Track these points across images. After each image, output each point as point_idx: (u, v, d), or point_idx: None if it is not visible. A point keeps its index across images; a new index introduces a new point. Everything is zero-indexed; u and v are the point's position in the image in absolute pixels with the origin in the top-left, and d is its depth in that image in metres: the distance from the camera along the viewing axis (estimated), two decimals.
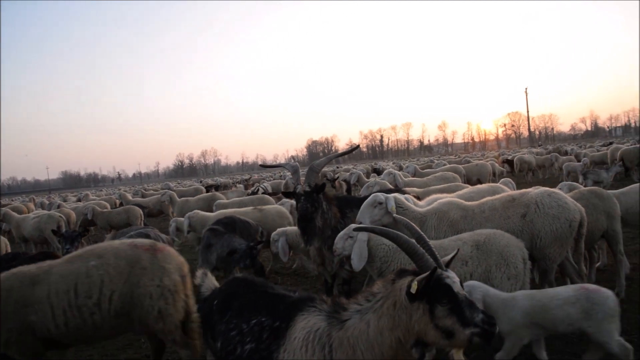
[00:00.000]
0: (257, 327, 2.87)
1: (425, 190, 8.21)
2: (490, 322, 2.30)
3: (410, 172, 13.90)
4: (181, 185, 43.10)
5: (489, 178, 16.30)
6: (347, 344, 2.45)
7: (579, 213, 4.95)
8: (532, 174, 23.86)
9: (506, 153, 38.60)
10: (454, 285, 2.33)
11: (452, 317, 2.31)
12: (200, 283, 3.76)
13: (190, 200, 15.32)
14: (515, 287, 4.35)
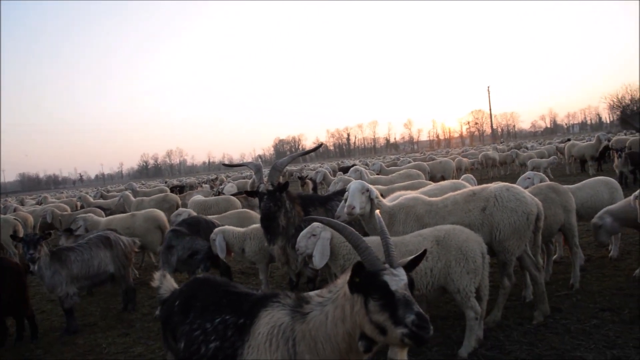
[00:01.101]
0: (221, 326, 2.86)
1: (389, 188, 8.27)
2: (420, 324, 2.18)
3: (375, 169, 14.01)
4: (145, 186, 42.19)
5: (453, 175, 16.62)
6: (308, 336, 2.45)
7: (536, 206, 5.08)
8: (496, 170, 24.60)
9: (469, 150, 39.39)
10: (391, 282, 2.27)
11: (384, 313, 2.25)
12: (159, 285, 3.69)
13: (145, 200, 15.04)
14: (475, 281, 4.43)
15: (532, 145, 28.64)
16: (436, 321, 5.57)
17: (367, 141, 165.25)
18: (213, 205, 12.01)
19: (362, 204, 5.12)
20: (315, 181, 14.16)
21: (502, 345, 4.78)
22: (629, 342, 4.54)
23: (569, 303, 5.69)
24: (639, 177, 14.68)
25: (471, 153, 32.45)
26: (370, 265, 2.41)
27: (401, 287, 2.26)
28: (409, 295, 2.26)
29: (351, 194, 5.18)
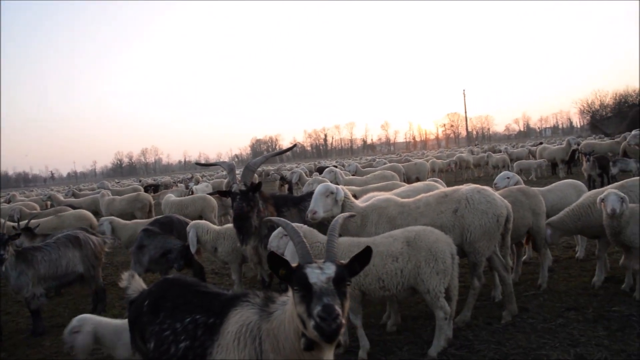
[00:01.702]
0: (192, 325, 2.86)
1: (364, 189, 8.33)
2: (323, 316, 2.11)
3: (351, 170, 14.08)
4: (119, 184, 41.44)
5: (428, 176, 16.81)
6: (272, 335, 2.47)
7: (505, 209, 5.18)
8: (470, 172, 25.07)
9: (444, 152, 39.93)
10: (311, 274, 2.25)
11: (302, 305, 2.22)
12: (127, 285, 3.65)
13: (117, 200, 14.83)
14: (444, 282, 4.50)
15: (505, 148, 29.16)
16: (407, 321, 5.64)
17: (344, 142, 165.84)
18: (190, 205, 11.89)
19: (327, 207, 5.11)
20: (290, 181, 14.15)
21: (471, 344, 4.86)
22: (592, 340, 4.68)
23: (536, 303, 5.83)
24: (606, 181, 15.08)
25: (446, 155, 32.96)
26: (301, 259, 2.45)
27: (322, 280, 2.23)
28: (329, 289, 2.21)
29: (314, 198, 5.19)
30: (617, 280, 6.22)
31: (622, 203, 5.45)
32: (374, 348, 4.93)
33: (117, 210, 14.53)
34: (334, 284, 2.25)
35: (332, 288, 2.23)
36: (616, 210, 5.42)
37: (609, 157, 16.67)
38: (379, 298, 4.73)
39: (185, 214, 10.49)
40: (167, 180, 44.30)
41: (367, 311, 5.99)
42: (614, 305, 5.48)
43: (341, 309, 2.18)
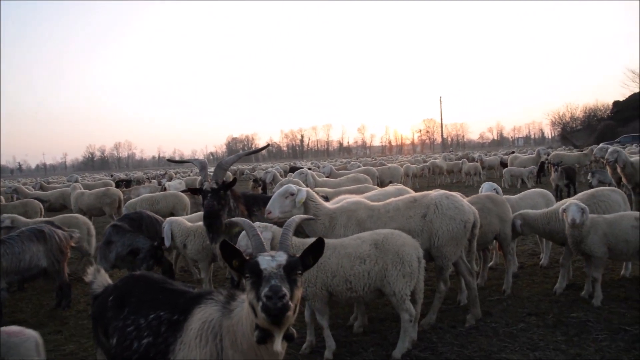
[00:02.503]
0: (155, 322, 2.86)
1: (337, 191, 8.39)
2: (269, 295, 2.15)
3: (326, 172, 14.12)
4: (89, 178, 40.60)
5: (401, 180, 17.00)
6: (232, 331, 2.49)
7: (472, 215, 5.30)
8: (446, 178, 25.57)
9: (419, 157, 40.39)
10: (262, 261, 2.32)
11: (252, 291, 2.28)
12: (92, 280, 3.61)
13: (85, 194, 14.54)
14: (410, 285, 4.58)
15: (478, 156, 29.71)
16: (374, 323, 5.71)
17: (320, 143, 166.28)
18: (161, 201, 11.74)
19: (285, 208, 5.14)
20: (264, 181, 14.12)
21: (434, 346, 4.95)
22: (550, 344, 4.82)
23: (499, 307, 5.97)
24: (572, 191, 15.50)
25: (421, 160, 33.40)
26: (255, 250, 2.55)
27: (272, 267, 2.29)
28: (278, 274, 2.27)
29: (272, 198, 5.23)
30: (578, 287, 6.42)
31: (583, 214, 5.65)
32: (340, 349, 4.99)
33: (86, 205, 14.26)
34: (284, 271, 2.31)
35: (282, 274, 2.29)
36: (576, 220, 5.63)
37: (575, 168, 17.15)
38: (346, 299, 4.77)
39: (156, 210, 10.35)
40: (139, 175, 43.63)
41: (334, 312, 6.04)
42: (573, 311, 5.65)
43: (290, 294, 2.24)
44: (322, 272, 4.61)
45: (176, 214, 11.74)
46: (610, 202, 6.77)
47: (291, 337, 2.38)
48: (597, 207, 6.66)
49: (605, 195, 6.88)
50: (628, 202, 7.13)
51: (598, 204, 6.71)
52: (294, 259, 2.41)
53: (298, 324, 5.75)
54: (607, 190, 7.05)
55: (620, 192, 7.10)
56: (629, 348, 4.63)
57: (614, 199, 6.84)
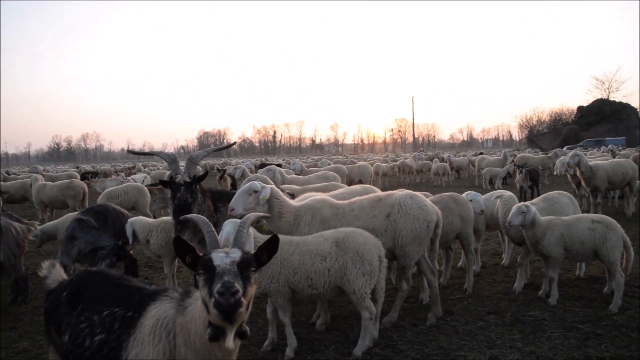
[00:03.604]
0: (109, 318, 2.81)
1: (304, 188, 8.37)
2: (222, 291, 2.15)
3: (296, 169, 14.07)
4: (53, 170, 39.44)
5: (370, 179, 17.11)
6: (185, 328, 2.47)
7: (435, 215, 5.37)
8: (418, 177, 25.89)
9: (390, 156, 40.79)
10: (216, 258, 2.32)
11: (205, 287, 2.27)
12: (47, 275, 3.50)
13: (48, 186, 14.11)
14: (370, 283, 4.62)
15: (448, 156, 30.23)
16: (337, 320, 5.74)
17: (293, 140, 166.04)
18: (122, 194, 11.46)
19: (248, 205, 5.12)
20: (234, 177, 13.99)
21: (395, 344, 5.01)
22: (507, 342, 4.95)
23: (460, 306, 6.09)
24: (536, 193, 15.92)
25: (391, 159, 33.74)
26: (209, 246, 2.55)
27: (226, 263, 2.29)
28: (231, 270, 2.27)
29: (235, 195, 5.21)
30: (536, 287, 6.61)
31: (521, 215, 5.96)
32: (301, 346, 4.99)
33: (48, 197, 13.84)
34: (238, 267, 2.31)
35: (235, 270, 2.29)
36: (512, 222, 6.00)
37: (539, 170, 17.60)
38: (308, 296, 4.78)
39: (117, 203, 10.10)
40: (107, 168, 42.72)
41: (297, 310, 6.05)
42: (530, 309, 5.81)
43: (243, 291, 2.23)
44: (284, 269, 4.61)
45: (137, 208, 11.53)
46: (560, 205, 7.04)
47: (244, 334, 2.37)
48: (549, 210, 6.89)
49: (555, 198, 7.19)
50: (577, 204, 7.40)
51: (550, 207, 6.95)
52: (247, 256, 2.41)
53: (260, 321, 5.75)
54: (556, 194, 7.36)
55: (568, 195, 7.40)
56: (580, 345, 4.79)
57: (563, 201, 7.15)
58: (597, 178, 11.72)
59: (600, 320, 5.39)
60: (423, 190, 14.22)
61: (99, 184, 18.44)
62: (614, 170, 11.98)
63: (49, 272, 3.56)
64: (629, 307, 5.70)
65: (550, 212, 6.74)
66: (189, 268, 2.43)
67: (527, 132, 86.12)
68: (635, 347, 4.71)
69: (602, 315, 5.51)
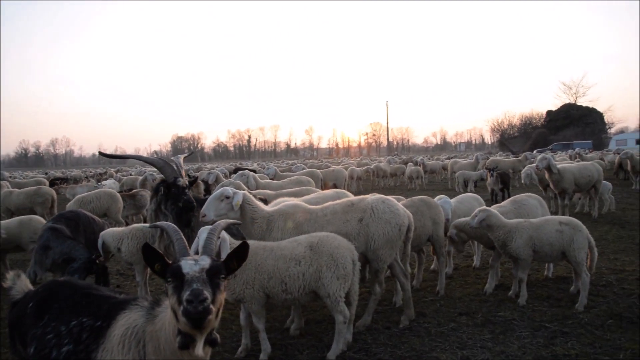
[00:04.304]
0: (77, 329, 2.76)
1: (278, 193, 8.38)
2: (190, 299, 2.15)
3: (270, 174, 14.04)
4: (20, 176, 38.36)
5: (345, 183, 17.20)
6: (155, 337, 2.46)
7: (407, 218, 5.44)
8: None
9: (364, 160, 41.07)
10: (185, 265, 2.32)
11: (174, 295, 2.27)
12: (11, 285, 3.41)
13: (14, 193, 13.74)
14: (344, 287, 4.65)
15: (421, 159, 30.63)
16: (311, 325, 5.75)
17: (267, 144, 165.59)
18: (94, 200, 11.24)
19: (220, 211, 5.12)
20: (207, 182, 13.88)
21: (368, 347, 5.05)
22: (478, 342, 5.04)
23: (433, 308, 6.17)
24: (506, 195, 16.24)
25: (365, 163, 33.99)
26: (178, 253, 2.54)
27: (195, 271, 2.30)
28: (200, 277, 2.27)
29: (207, 201, 5.21)
30: (506, 288, 6.75)
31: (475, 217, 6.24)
32: (275, 352, 4.99)
33: (15, 205, 13.44)
34: (207, 275, 2.32)
35: (204, 277, 2.30)
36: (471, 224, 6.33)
37: (510, 173, 17.97)
38: (282, 301, 4.78)
39: (89, 209, 9.90)
40: (77, 174, 41.83)
41: (271, 315, 6.05)
42: (501, 310, 5.94)
43: (212, 298, 2.24)
44: (259, 274, 4.61)
45: (109, 214, 11.32)
46: (528, 207, 7.22)
47: (214, 342, 2.36)
48: (517, 212, 7.06)
49: (523, 200, 7.37)
50: (546, 206, 7.58)
51: (518, 209, 7.12)
52: (217, 263, 2.41)
53: (234, 328, 5.72)
54: (525, 196, 7.54)
55: (537, 198, 7.58)
56: (548, 344, 4.92)
57: (531, 203, 7.33)
58: (565, 181, 12.04)
59: (567, 318, 5.54)
60: (397, 193, 14.41)
61: (69, 190, 18.03)
62: (581, 173, 12.33)
63: (14, 282, 3.47)
64: (594, 306, 5.88)
65: (518, 214, 6.91)
66: (158, 276, 2.42)
67: (498, 135, 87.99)
68: (599, 344, 4.86)
69: (569, 314, 5.66)
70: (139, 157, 6.38)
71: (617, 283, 6.75)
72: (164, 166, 5.89)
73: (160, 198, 6.01)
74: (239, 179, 9.97)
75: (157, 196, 6.04)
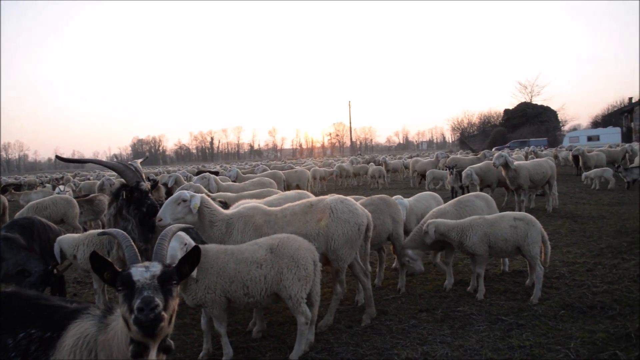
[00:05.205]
0: (25, 340, 2.65)
1: (239, 195, 8.32)
2: (141, 307, 2.13)
3: (232, 176, 13.91)
4: None
5: (308, 184, 17.24)
6: (107, 346, 2.41)
7: (366, 218, 5.50)
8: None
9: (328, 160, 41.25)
10: (135, 273, 2.30)
11: (125, 304, 2.23)
12: None
13: None
14: (306, 288, 4.66)
15: (383, 158, 31.04)
16: (274, 327, 5.74)
17: (231, 146, 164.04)
18: (50, 206, 10.86)
19: (177, 215, 5.07)
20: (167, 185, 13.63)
21: (331, 347, 5.08)
22: (437, 338, 5.15)
23: (394, 305, 6.26)
24: (466, 192, 16.64)
25: (329, 163, 34.16)
26: (128, 260, 2.51)
27: (146, 278, 2.27)
28: (152, 284, 2.25)
29: (164, 205, 5.15)
30: (465, 283, 6.92)
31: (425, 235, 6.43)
32: (237, 355, 4.96)
33: None
34: (158, 282, 2.29)
35: (155, 284, 2.27)
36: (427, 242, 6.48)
37: None
38: (245, 304, 4.76)
39: (45, 216, 9.57)
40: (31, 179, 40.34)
41: (234, 318, 6.00)
42: (460, 305, 6.08)
43: (164, 305, 2.21)
44: (220, 278, 4.57)
45: (66, 220, 10.97)
46: (470, 208, 7.24)
47: (168, 349, 2.33)
48: (459, 214, 7.07)
49: (470, 200, 7.45)
50: (494, 205, 7.64)
51: (464, 209, 7.20)
52: (168, 269, 2.38)
53: (196, 332, 5.64)
54: (472, 196, 7.63)
55: (484, 197, 7.65)
56: (504, 336, 5.07)
57: (476, 204, 7.36)
58: (520, 177, 12.44)
59: (523, 311, 5.72)
60: (360, 193, 14.51)
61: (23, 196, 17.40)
62: (535, 170, 12.77)
63: None
64: (547, 297, 6.09)
65: (459, 216, 6.94)
66: (108, 285, 2.36)
67: (459, 134, 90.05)
68: (552, 334, 5.04)
69: (524, 307, 5.85)
70: (98, 161, 6.20)
71: (569, 275, 7.02)
72: (124, 170, 5.77)
73: (121, 203, 5.86)
74: (199, 182, 9.84)
75: (118, 201, 5.90)
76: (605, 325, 5.17)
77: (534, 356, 4.59)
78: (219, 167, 35.09)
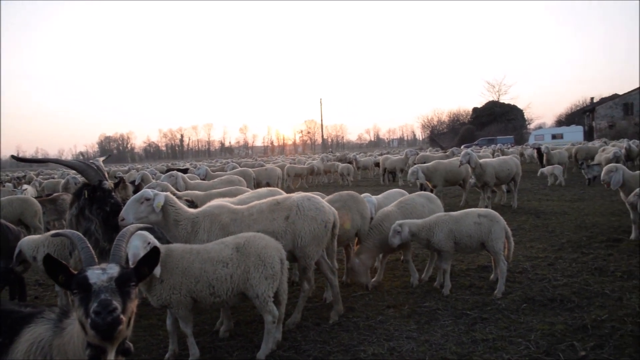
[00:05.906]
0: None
1: (208, 194, 8.23)
2: (98, 310, 2.09)
3: (201, 174, 13.72)
4: None
5: (278, 182, 17.19)
6: (62, 350, 2.35)
7: (332, 215, 5.52)
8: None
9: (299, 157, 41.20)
10: (92, 275, 2.25)
11: (81, 307, 2.18)
12: None
13: None
14: (273, 286, 4.65)
15: (354, 156, 31.22)
16: (241, 326, 5.71)
17: (201, 143, 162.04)
18: (6, 206, 10.47)
19: (140, 214, 4.99)
20: (134, 183, 13.36)
21: (298, 345, 5.08)
22: (404, 333, 5.21)
23: (362, 302, 6.31)
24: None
25: (300, 161, 34.15)
26: (84, 262, 2.46)
27: (102, 280, 2.23)
28: (109, 287, 2.21)
29: (127, 204, 5.07)
30: (432, 279, 7.03)
31: (397, 235, 6.36)
32: (204, 355, 4.92)
33: None
34: (116, 284, 2.24)
35: (113, 287, 2.23)
36: (393, 245, 6.42)
37: None
38: (211, 304, 4.72)
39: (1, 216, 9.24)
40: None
41: (200, 318, 5.94)
42: (426, 300, 6.17)
43: (122, 308, 2.18)
44: (186, 278, 4.51)
45: (25, 221, 10.62)
46: (411, 206, 7.17)
47: (127, 352, 2.29)
48: (402, 213, 6.99)
49: (412, 199, 7.36)
50: (438, 202, 7.63)
51: (405, 208, 7.12)
52: (126, 271, 2.34)
53: (162, 333, 5.56)
54: (415, 195, 7.53)
55: (427, 195, 7.63)
56: (468, 330, 5.17)
57: (417, 203, 7.27)
58: (486, 174, 12.71)
59: (487, 305, 5.86)
60: (330, 190, 14.54)
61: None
62: (501, 167, 13.06)
63: None
64: (510, 292, 6.25)
65: (403, 216, 6.89)
66: (63, 288, 2.31)
67: (429, 132, 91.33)
68: (514, 327, 5.17)
69: (488, 301, 5.98)
70: (57, 160, 6.02)
71: (532, 269, 7.21)
72: (86, 169, 5.64)
73: (83, 202, 5.72)
74: (167, 180, 9.68)
75: (80, 200, 5.76)
76: (564, 317, 5.34)
77: (496, 349, 4.70)
78: (189, 164, 34.59)
